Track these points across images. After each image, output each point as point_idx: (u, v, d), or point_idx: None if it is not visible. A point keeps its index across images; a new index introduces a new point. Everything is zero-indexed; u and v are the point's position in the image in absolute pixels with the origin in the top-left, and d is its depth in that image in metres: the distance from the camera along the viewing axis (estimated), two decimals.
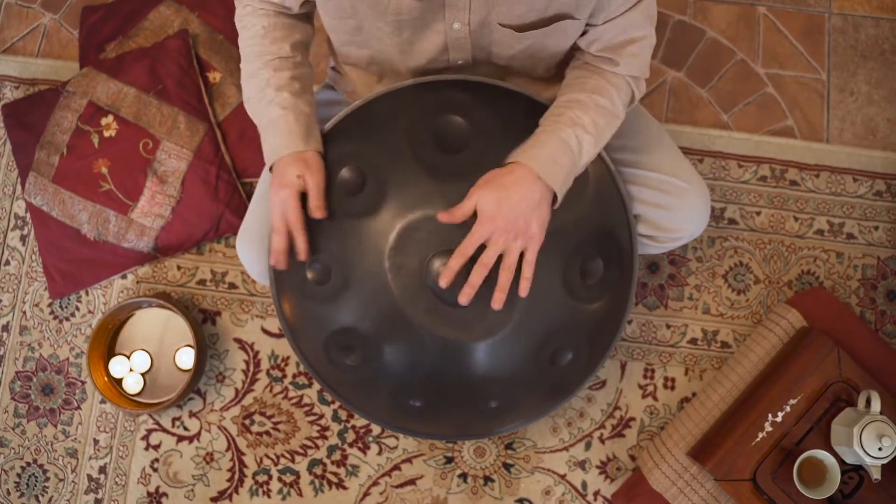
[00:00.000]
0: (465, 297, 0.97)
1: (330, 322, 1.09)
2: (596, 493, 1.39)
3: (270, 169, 1.05)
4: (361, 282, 1.05)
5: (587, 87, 1.01)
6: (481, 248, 0.96)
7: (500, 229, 0.94)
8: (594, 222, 1.08)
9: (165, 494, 1.40)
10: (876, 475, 1.18)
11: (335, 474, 1.40)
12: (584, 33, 1.01)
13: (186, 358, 1.40)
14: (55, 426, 1.43)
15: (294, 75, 1.05)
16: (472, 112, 1.05)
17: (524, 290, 0.98)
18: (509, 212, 0.94)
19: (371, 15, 0.97)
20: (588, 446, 1.40)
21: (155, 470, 1.40)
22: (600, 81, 1.01)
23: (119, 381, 1.41)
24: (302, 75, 1.07)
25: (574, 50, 1.06)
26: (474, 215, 0.96)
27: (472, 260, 0.96)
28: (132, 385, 1.40)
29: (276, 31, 1.06)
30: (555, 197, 0.98)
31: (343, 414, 1.41)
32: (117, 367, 1.40)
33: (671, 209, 1.14)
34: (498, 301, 0.97)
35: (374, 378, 1.10)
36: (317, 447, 1.40)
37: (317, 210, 1.02)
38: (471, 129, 1.05)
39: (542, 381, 1.11)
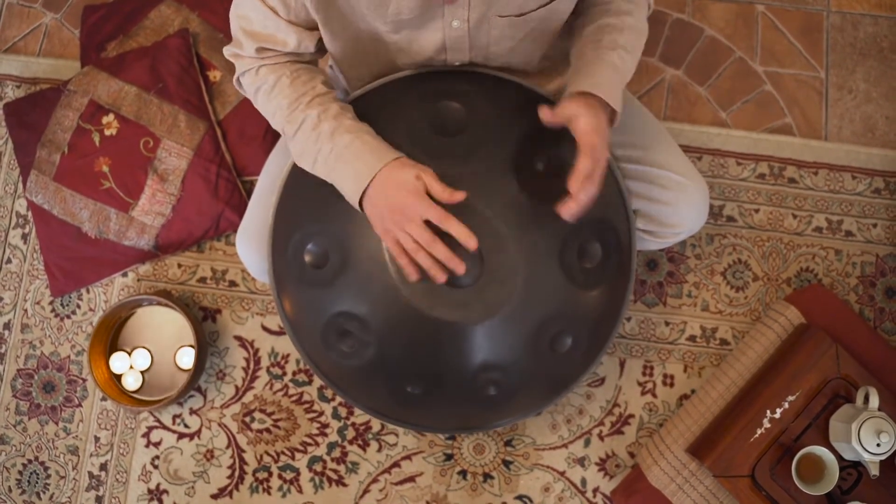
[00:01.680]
0: (573, 214, 0.95)
1: (328, 306, 1.09)
2: (595, 490, 1.39)
3: (361, 201, 0.96)
4: (359, 264, 1.05)
5: (613, 10, 1.03)
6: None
7: (604, 148, 0.96)
8: (593, 212, 1.08)
9: (166, 491, 1.40)
10: (874, 471, 1.19)
11: (335, 471, 1.40)
12: None
13: (187, 358, 1.41)
14: (56, 423, 1.43)
15: (343, 106, 1.02)
16: (468, 98, 1.06)
17: (587, 196, 0.96)
18: (604, 132, 0.96)
19: (370, 16, 0.97)
20: (587, 443, 1.40)
21: (156, 467, 1.41)
22: (622, 2, 1.03)
23: (119, 378, 1.41)
24: (349, 107, 1.03)
25: (568, 41, 1.07)
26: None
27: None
28: (131, 382, 1.41)
29: (301, 75, 1.02)
30: (612, 117, 1.00)
31: (343, 411, 1.42)
32: (118, 363, 1.41)
33: (670, 204, 1.14)
34: (569, 210, 0.95)
35: (371, 364, 1.11)
36: (317, 444, 1.41)
37: (455, 194, 0.94)
38: (467, 114, 1.06)
39: (541, 369, 1.12)
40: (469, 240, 0.93)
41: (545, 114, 0.97)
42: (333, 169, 0.98)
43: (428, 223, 0.94)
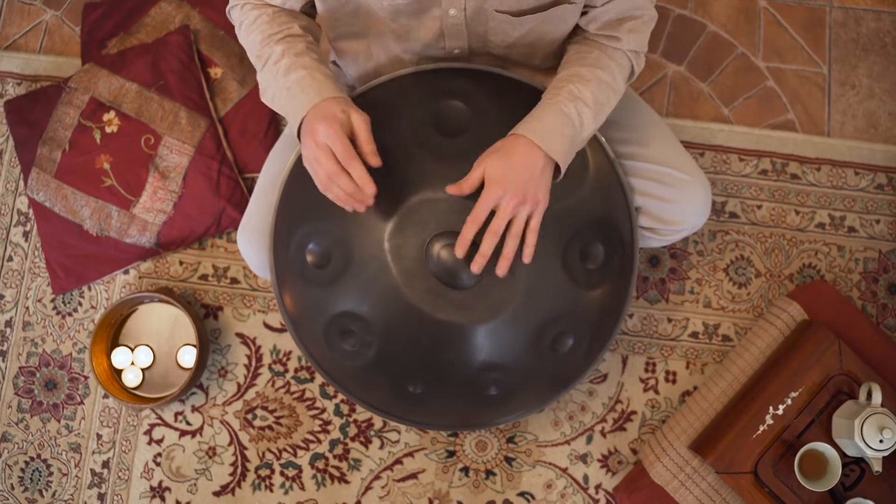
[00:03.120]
0: (477, 266, 0.96)
1: (330, 306, 1.09)
2: (597, 487, 1.39)
3: (299, 130, 0.97)
4: (361, 264, 1.05)
5: (587, 62, 1.01)
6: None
7: (510, 193, 0.93)
8: (595, 210, 1.08)
9: (168, 489, 1.41)
10: (877, 467, 1.18)
11: (337, 468, 1.40)
12: (583, 14, 1.02)
13: (188, 357, 1.41)
14: (58, 421, 1.43)
15: (310, 47, 1.02)
16: (471, 97, 1.06)
17: (528, 256, 0.97)
18: (517, 176, 0.94)
19: (368, 0, 0.98)
20: (589, 440, 1.40)
21: (158, 464, 1.41)
22: (601, 56, 1.02)
23: (119, 373, 1.41)
24: (318, 50, 1.04)
25: (573, 29, 1.06)
26: (480, 188, 0.95)
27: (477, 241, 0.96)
28: (132, 379, 1.41)
29: (281, 16, 1.03)
30: (557, 169, 0.98)
31: (345, 408, 1.42)
32: (119, 357, 1.41)
33: (672, 201, 1.14)
34: (502, 268, 0.96)
35: (373, 363, 1.11)
36: (319, 441, 1.41)
37: (372, 155, 0.93)
38: (470, 113, 1.06)
39: (542, 368, 1.12)
40: (367, 184, 0.92)
41: (452, 189, 0.96)
42: (285, 103, 0.99)
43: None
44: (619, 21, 1.01)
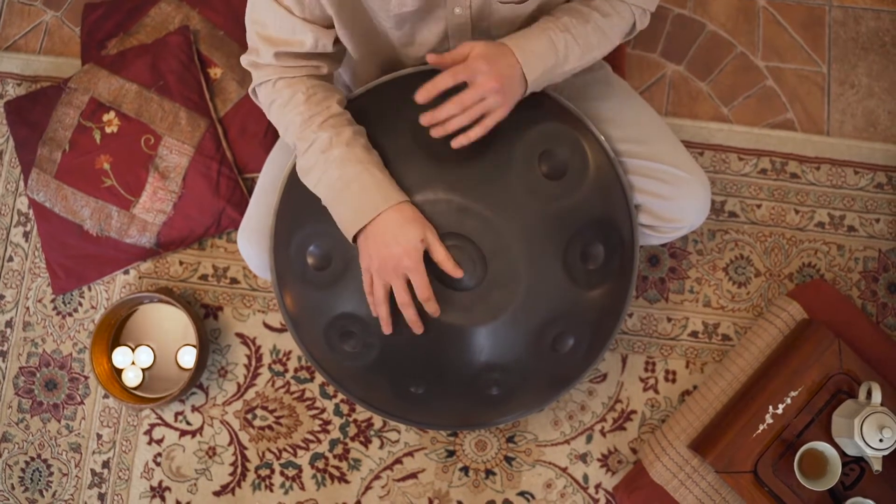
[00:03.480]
0: (426, 120, 0.95)
1: (330, 308, 1.09)
2: (597, 486, 1.39)
3: (355, 237, 0.98)
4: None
5: (591, 3, 1.01)
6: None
7: (492, 74, 0.93)
8: (595, 209, 1.08)
9: (168, 489, 1.41)
10: (877, 466, 1.18)
11: (337, 468, 1.40)
12: None
13: (188, 357, 1.41)
14: (58, 421, 1.43)
15: (356, 131, 1.01)
16: None
17: (465, 139, 0.95)
18: (498, 64, 0.93)
19: (373, 11, 0.97)
20: (589, 439, 1.40)
21: (158, 464, 1.41)
22: (604, 2, 1.02)
23: (120, 373, 1.41)
24: (362, 131, 1.02)
25: None
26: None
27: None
28: (132, 378, 1.41)
29: (318, 93, 1.01)
30: (525, 88, 0.98)
31: (345, 408, 1.42)
32: (120, 357, 1.41)
33: (672, 199, 1.14)
34: (437, 132, 0.95)
35: (374, 364, 1.11)
36: (319, 441, 1.41)
37: (455, 271, 0.98)
38: None
39: (543, 369, 1.12)
40: (436, 313, 0.99)
41: (431, 58, 0.95)
42: (336, 197, 0.98)
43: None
44: None
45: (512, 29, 1.03)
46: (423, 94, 0.94)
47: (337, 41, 1.02)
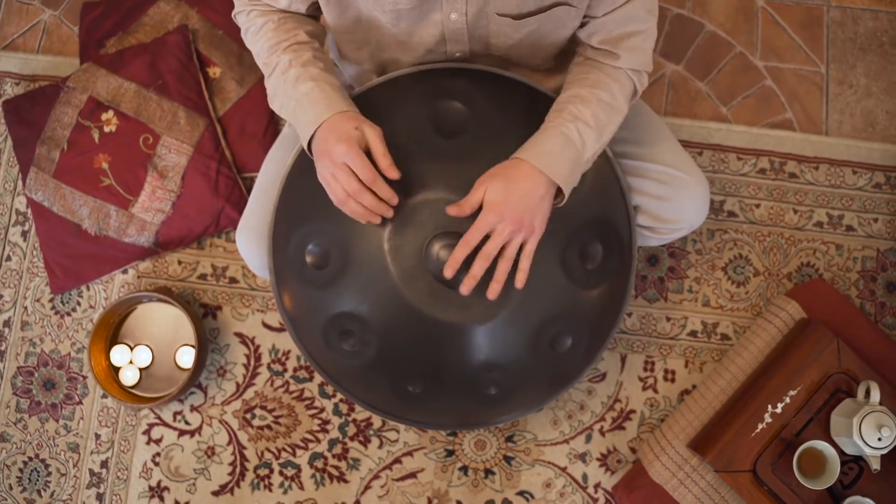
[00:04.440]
0: (466, 289, 0.97)
1: (329, 307, 1.09)
2: (597, 486, 1.39)
3: (310, 145, 0.98)
4: (360, 265, 1.05)
5: (588, 82, 1.01)
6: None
7: (507, 220, 0.94)
8: (594, 210, 1.08)
9: (167, 488, 1.40)
10: (875, 465, 1.19)
11: (336, 468, 1.40)
12: (584, 25, 1.02)
13: (187, 357, 1.41)
14: (57, 421, 1.43)
15: (316, 55, 1.03)
16: (470, 98, 1.06)
17: (521, 282, 0.98)
18: (517, 203, 0.94)
19: (369, 5, 0.98)
20: (588, 439, 1.40)
21: (156, 464, 1.41)
22: (601, 76, 1.01)
23: (117, 371, 1.41)
24: (325, 58, 1.04)
25: (575, 45, 1.06)
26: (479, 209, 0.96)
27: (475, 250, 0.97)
28: (129, 377, 1.41)
29: (287, 22, 1.04)
30: (560, 192, 0.98)
31: (344, 407, 1.42)
32: (118, 355, 1.41)
33: (670, 200, 1.14)
34: (493, 292, 0.97)
35: (372, 363, 1.11)
36: (318, 441, 1.41)
37: (390, 169, 0.95)
38: (469, 114, 1.06)
39: (541, 368, 1.12)
40: (392, 197, 0.96)
41: (452, 210, 0.96)
42: (293, 114, 1.00)
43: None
44: (618, 38, 1.00)
45: (510, 42, 1.03)
46: (450, 270, 0.96)
47: (312, 8, 1.05)
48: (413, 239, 1.04)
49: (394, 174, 0.96)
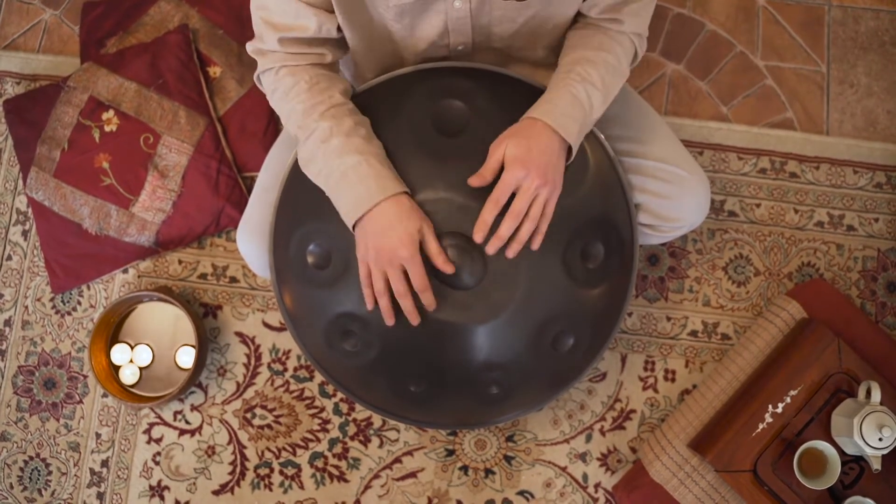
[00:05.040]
0: (493, 248, 0.97)
1: (330, 307, 1.09)
2: (597, 486, 1.39)
3: (354, 225, 0.98)
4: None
5: (592, 44, 1.02)
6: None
7: (532, 174, 0.94)
8: (595, 208, 1.08)
9: (167, 488, 1.40)
10: (876, 466, 1.18)
11: (336, 467, 1.40)
12: None
13: (187, 357, 1.41)
14: (57, 420, 1.43)
15: (357, 121, 1.01)
16: (472, 97, 1.06)
17: (538, 243, 0.98)
18: (539, 157, 0.94)
19: (374, 5, 0.98)
20: (589, 438, 1.40)
21: (157, 463, 1.41)
22: (605, 39, 1.02)
23: (117, 370, 1.41)
24: (364, 121, 1.02)
25: (576, 16, 1.06)
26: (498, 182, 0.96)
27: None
28: (128, 376, 1.41)
29: (321, 82, 1.01)
30: (569, 152, 0.99)
31: (344, 407, 1.42)
32: (118, 353, 1.41)
33: (671, 198, 1.14)
34: (514, 251, 0.97)
35: (374, 363, 1.11)
36: (318, 440, 1.41)
37: (446, 265, 0.98)
38: (470, 113, 1.06)
39: (542, 367, 1.12)
40: (431, 305, 1.00)
41: (474, 181, 0.97)
42: (336, 187, 0.99)
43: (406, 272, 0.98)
44: (620, 4, 1.01)
45: (513, 28, 1.03)
46: (479, 234, 0.96)
47: (339, 28, 1.03)
48: None
49: (450, 269, 0.98)
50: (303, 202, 1.09)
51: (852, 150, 1.50)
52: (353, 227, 0.99)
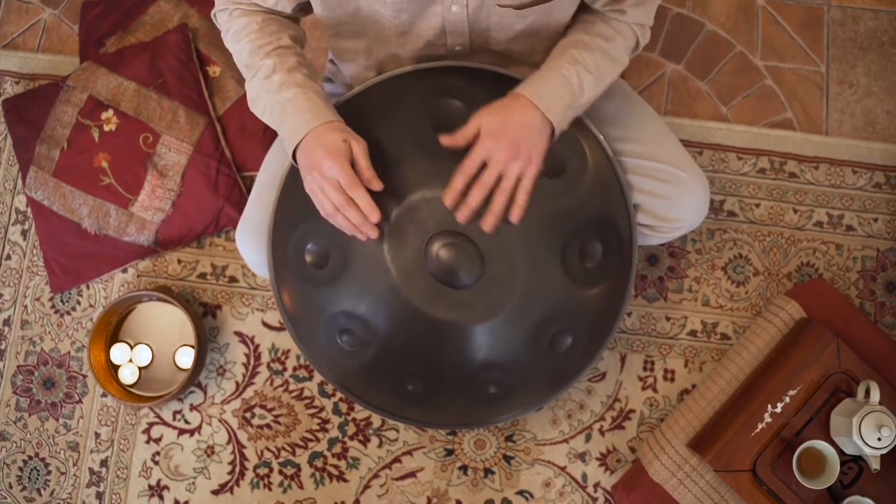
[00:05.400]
0: (462, 216, 0.96)
1: (329, 306, 1.09)
2: (596, 485, 1.39)
3: (294, 153, 0.98)
4: (360, 264, 1.05)
5: (592, 30, 1.02)
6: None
7: (503, 147, 0.93)
8: (594, 208, 1.08)
9: (167, 487, 1.40)
10: (875, 465, 1.19)
11: (336, 467, 1.40)
12: None
13: (186, 358, 1.41)
14: (56, 420, 1.43)
15: (300, 61, 1.03)
16: (469, 96, 1.06)
17: (516, 216, 0.96)
18: (513, 132, 0.94)
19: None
20: (588, 438, 1.40)
21: (156, 463, 1.41)
22: (605, 27, 1.03)
23: (117, 369, 1.41)
24: (308, 64, 1.04)
25: (578, 10, 1.07)
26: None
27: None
28: (127, 375, 1.41)
29: (271, 25, 1.03)
30: (553, 133, 0.98)
31: (343, 406, 1.42)
32: (117, 352, 1.41)
33: (670, 198, 1.14)
34: (489, 224, 0.96)
35: (372, 362, 1.11)
36: (317, 440, 1.41)
37: (373, 180, 0.96)
38: (468, 112, 1.06)
39: (541, 367, 1.12)
40: (371, 212, 0.95)
41: (445, 139, 0.96)
42: (277, 120, 1.00)
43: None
44: None
45: (511, 33, 1.03)
46: (450, 199, 0.96)
47: (299, 8, 1.04)
48: (413, 237, 1.04)
49: (376, 185, 0.97)
50: (301, 201, 1.09)
51: (851, 150, 1.50)
52: (294, 160, 1.00)
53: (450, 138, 0.96)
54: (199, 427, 1.42)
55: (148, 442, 1.41)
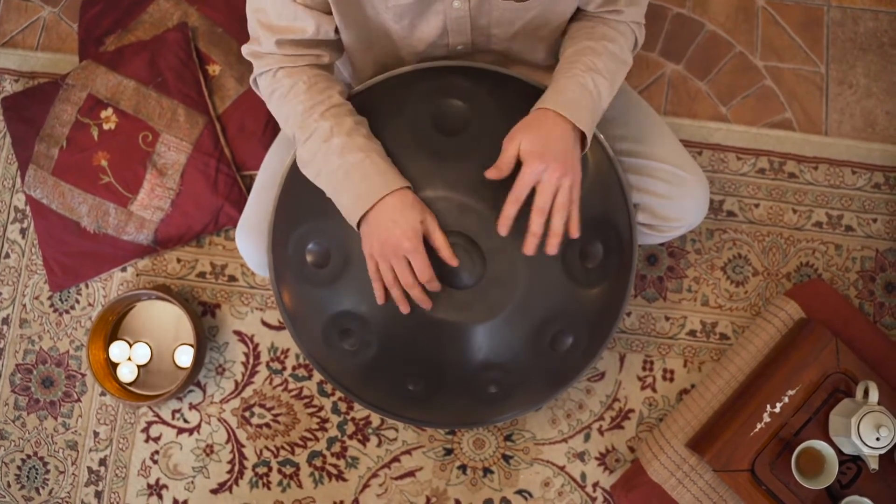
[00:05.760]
0: (531, 248, 0.95)
1: (329, 306, 1.09)
2: (595, 485, 1.39)
3: (359, 223, 0.97)
4: (361, 263, 1.05)
5: (595, 35, 1.02)
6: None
7: (552, 166, 0.93)
8: (594, 208, 1.08)
9: (166, 486, 1.40)
10: (873, 465, 1.19)
11: (335, 466, 1.40)
12: None
13: (185, 357, 1.41)
14: (55, 419, 1.43)
15: (357, 120, 1.01)
16: (471, 96, 1.06)
17: (576, 229, 0.96)
18: (555, 148, 0.93)
19: (372, 4, 0.97)
20: (587, 438, 1.40)
21: (155, 462, 1.41)
22: (607, 29, 1.03)
23: (115, 367, 1.41)
24: (363, 121, 1.02)
25: (574, 13, 1.07)
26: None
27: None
28: (126, 374, 1.41)
29: (319, 83, 1.01)
30: (583, 140, 0.98)
31: (343, 406, 1.42)
32: (116, 350, 1.41)
33: (670, 198, 1.14)
34: (553, 245, 0.95)
35: (372, 362, 1.11)
36: (316, 439, 1.41)
37: (452, 259, 0.98)
38: (470, 112, 1.06)
39: (541, 367, 1.12)
40: (426, 304, 0.99)
41: (491, 173, 0.96)
42: (338, 185, 0.98)
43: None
44: None
45: (511, 30, 1.03)
46: (504, 228, 0.96)
47: (336, 30, 1.03)
48: None
49: (455, 262, 0.98)
50: (302, 201, 1.09)
51: (851, 150, 1.51)
52: (358, 224, 0.99)
53: (495, 170, 0.95)
54: (198, 426, 1.42)
55: (147, 441, 1.41)
